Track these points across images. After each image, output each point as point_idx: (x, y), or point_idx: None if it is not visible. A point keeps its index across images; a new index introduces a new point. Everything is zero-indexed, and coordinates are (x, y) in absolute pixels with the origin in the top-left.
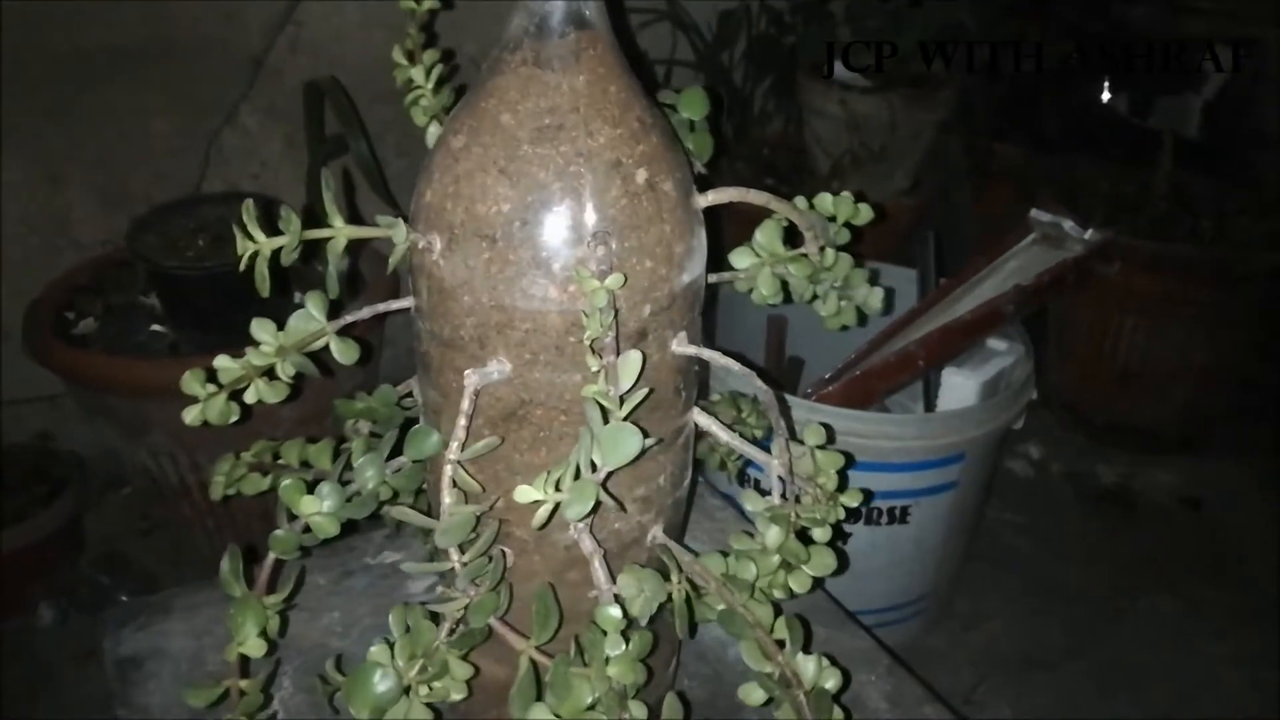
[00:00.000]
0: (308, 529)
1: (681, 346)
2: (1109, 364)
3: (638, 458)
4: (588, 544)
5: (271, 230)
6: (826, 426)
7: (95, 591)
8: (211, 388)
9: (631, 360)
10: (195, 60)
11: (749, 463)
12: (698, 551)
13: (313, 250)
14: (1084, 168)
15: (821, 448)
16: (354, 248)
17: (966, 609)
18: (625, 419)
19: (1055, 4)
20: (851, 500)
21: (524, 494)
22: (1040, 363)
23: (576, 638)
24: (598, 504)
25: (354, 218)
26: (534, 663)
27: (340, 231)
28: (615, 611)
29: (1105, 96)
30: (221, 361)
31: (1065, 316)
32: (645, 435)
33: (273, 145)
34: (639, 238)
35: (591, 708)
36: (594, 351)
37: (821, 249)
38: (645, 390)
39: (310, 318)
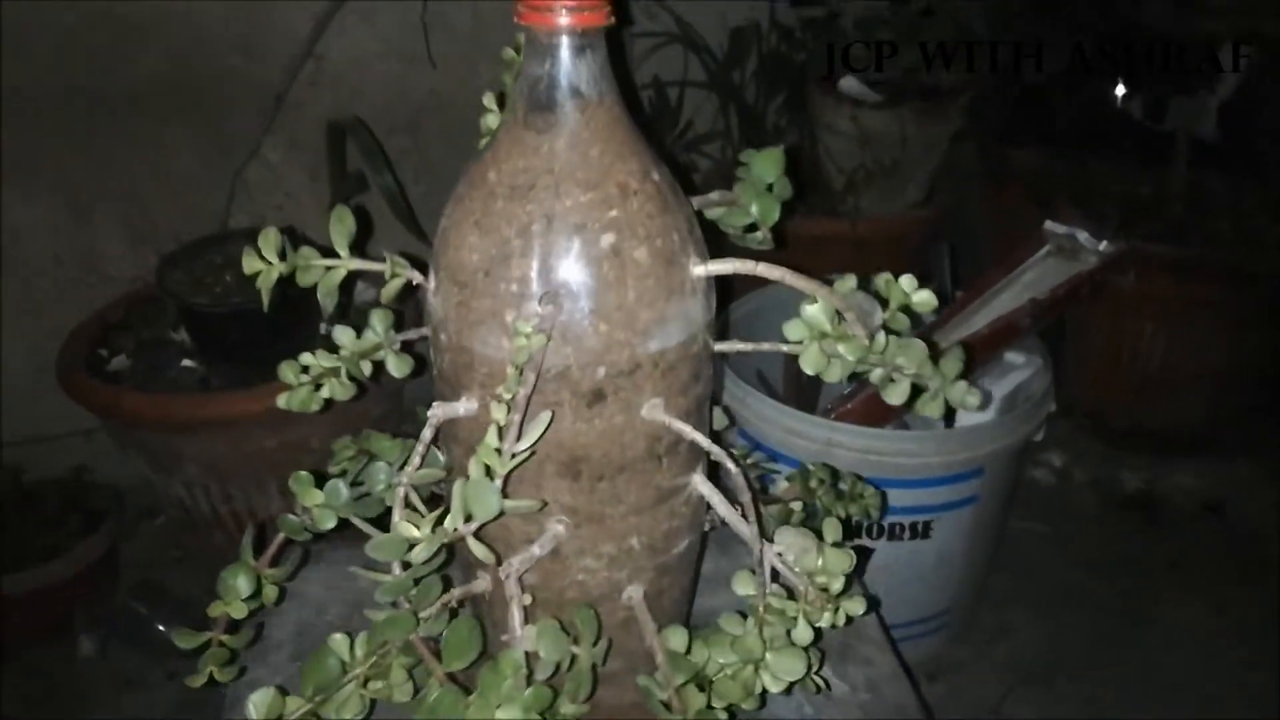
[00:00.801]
0: None
1: (653, 414)
2: (1128, 369)
3: (609, 517)
4: (510, 587)
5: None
6: (845, 522)
7: (133, 622)
8: (304, 378)
9: (538, 422)
10: (217, 95)
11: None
12: None
13: (346, 284)
14: (1098, 170)
15: (838, 545)
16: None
17: (991, 620)
18: (506, 476)
19: (1064, 6)
20: (855, 608)
21: (404, 528)
22: (1059, 370)
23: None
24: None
25: (370, 253)
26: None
27: (340, 264)
28: (518, 657)
29: (1119, 97)
30: (307, 359)
31: (1083, 323)
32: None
33: (297, 178)
34: (596, 301)
35: None
36: (507, 405)
37: (872, 336)
38: (527, 453)
39: (376, 332)
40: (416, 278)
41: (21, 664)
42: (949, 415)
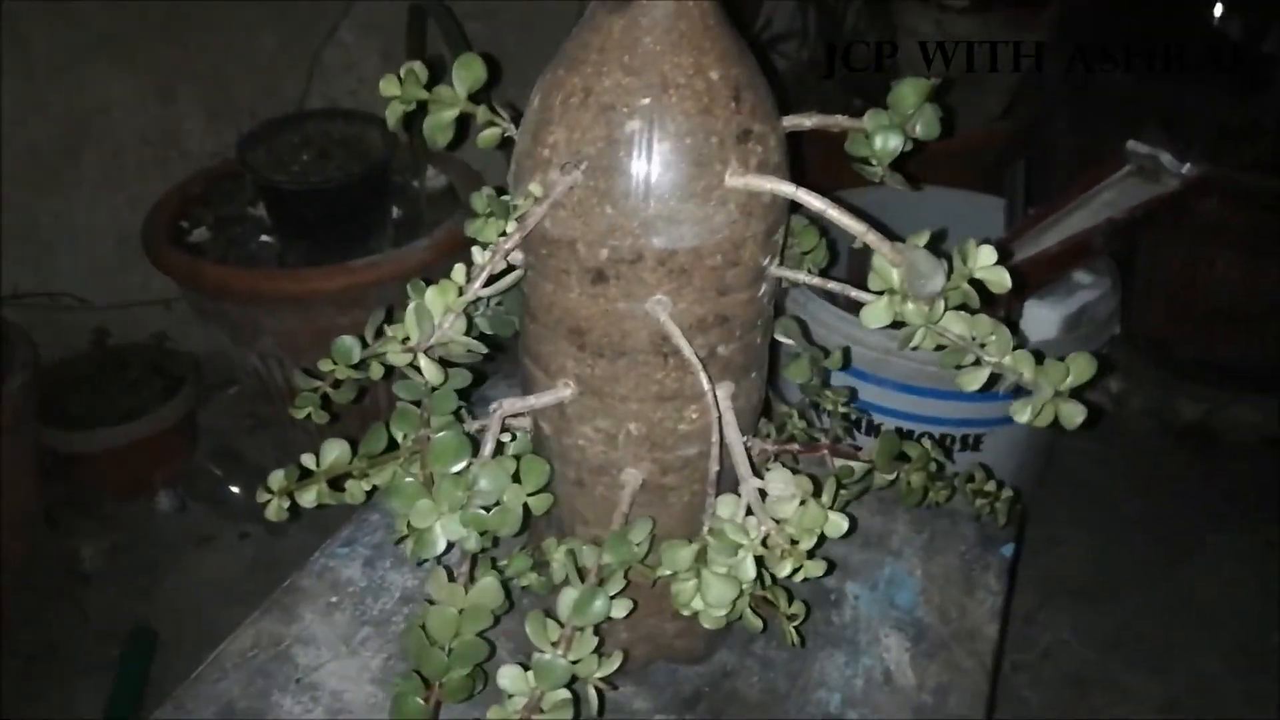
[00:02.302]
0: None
1: (655, 310)
2: (1199, 299)
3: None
4: (493, 422)
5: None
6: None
7: (209, 482)
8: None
9: (508, 280)
10: None
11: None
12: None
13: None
14: (1189, 94)
15: (828, 508)
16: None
17: (1035, 535)
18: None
19: None
20: (815, 569)
21: (392, 330)
22: (1126, 295)
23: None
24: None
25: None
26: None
27: (457, 103)
28: (470, 478)
29: (1216, 16)
30: (489, 191)
31: (1156, 247)
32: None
33: (370, 61)
34: (608, 183)
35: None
36: (482, 247)
37: (930, 302)
38: (480, 292)
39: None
40: (510, 130)
41: (105, 516)
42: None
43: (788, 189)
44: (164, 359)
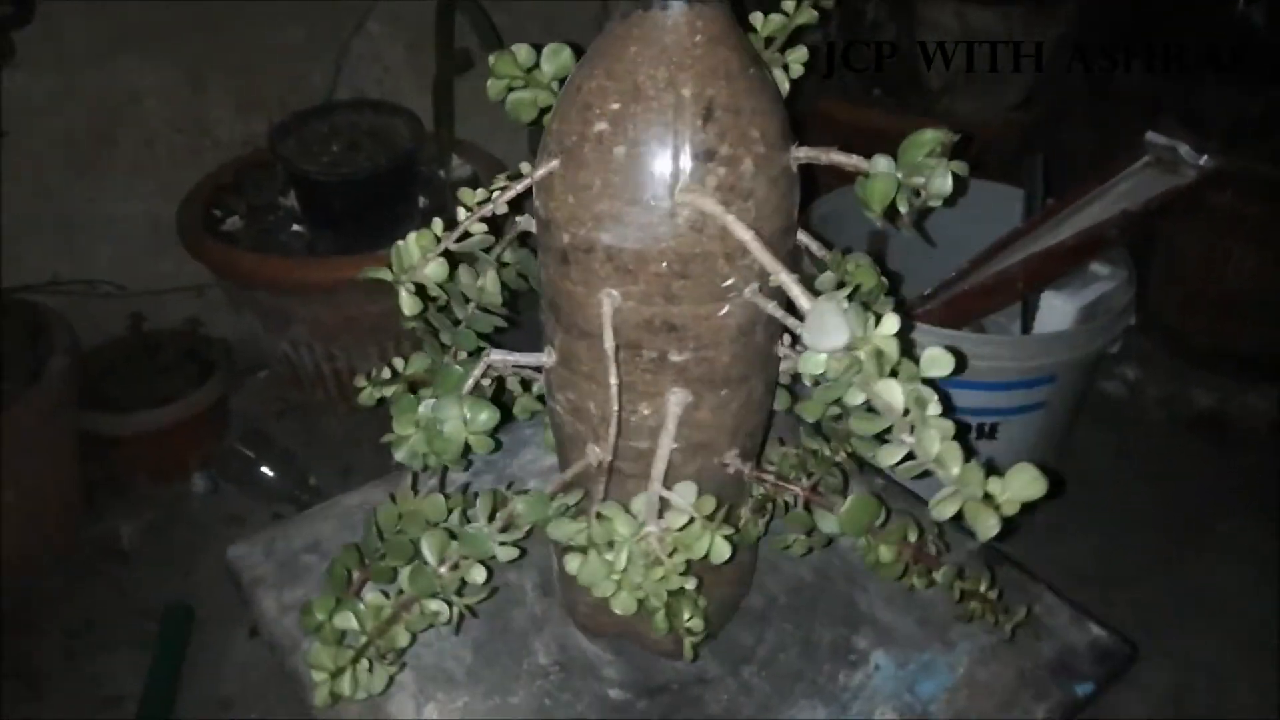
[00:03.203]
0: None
1: (604, 300)
2: (1214, 289)
3: None
4: (479, 367)
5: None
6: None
7: (241, 464)
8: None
9: (480, 239)
10: None
11: None
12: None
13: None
14: (1209, 86)
15: (718, 537)
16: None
17: (1047, 523)
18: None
19: None
20: (676, 584)
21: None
22: (1143, 283)
23: None
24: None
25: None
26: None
27: (544, 87)
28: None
29: (1241, 2)
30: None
31: (1172, 238)
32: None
33: (395, 52)
34: (574, 176)
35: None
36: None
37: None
38: (464, 236)
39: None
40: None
41: (142, 497)
42: (1027, 322)
43: (717, 211)
44: (197, 344)
